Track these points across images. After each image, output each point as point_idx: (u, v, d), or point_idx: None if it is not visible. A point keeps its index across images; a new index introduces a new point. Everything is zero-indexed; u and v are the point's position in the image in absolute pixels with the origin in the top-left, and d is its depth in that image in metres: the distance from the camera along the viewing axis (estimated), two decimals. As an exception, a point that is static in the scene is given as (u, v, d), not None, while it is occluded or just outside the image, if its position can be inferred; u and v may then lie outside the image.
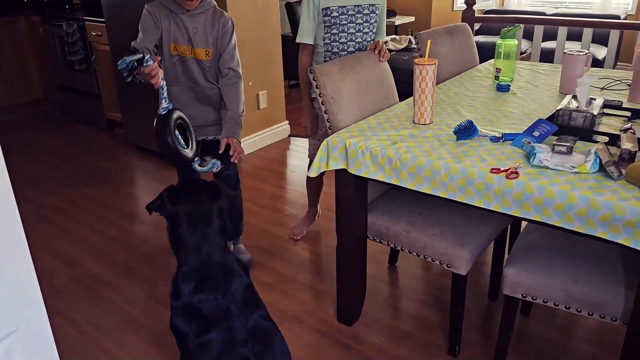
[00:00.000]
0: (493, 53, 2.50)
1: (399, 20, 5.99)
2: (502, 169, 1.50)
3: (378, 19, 2.39)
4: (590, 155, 1.48)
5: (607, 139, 1.65)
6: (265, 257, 2.61)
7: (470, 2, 3.64)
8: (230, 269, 1.40)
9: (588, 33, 3.56)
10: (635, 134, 1.60)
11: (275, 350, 1.43)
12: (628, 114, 1.91)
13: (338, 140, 1.81)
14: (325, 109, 1.95)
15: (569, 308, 1.58)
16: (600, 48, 4.94)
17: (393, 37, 5.24)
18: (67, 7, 4.71)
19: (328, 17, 2.27)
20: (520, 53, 4.29)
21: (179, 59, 2.17)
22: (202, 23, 2.15)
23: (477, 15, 3.77)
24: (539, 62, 3.61)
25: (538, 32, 3.72)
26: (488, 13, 6.06)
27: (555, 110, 1.80)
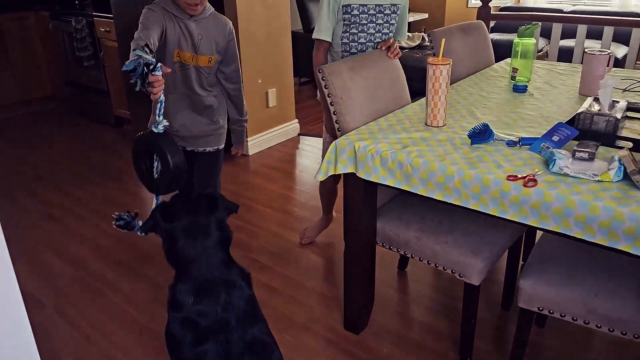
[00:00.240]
0: (509, 51, 2.42)
1: (412, 17, 5.89)
2: (519, 176, 1.42)
3: (400, 19, 2.31)
4: (614, 163, 1.39)
5: (631, 145, 1.56)
6: (273, 260, 2.54)
7: (486, -1, 3.55)
8: (232, 283, 1.34)
9: (609, 32, 3.44)
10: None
11: None
12: (653, 118, 1.81)
13: (347, 143, 1.74)
14: (334, 110, 1.87)
15: (588, 323, 1.50)
16: (619, 47, 4.80)
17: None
18: (76, 2, 4.67)
19: (348, 14, 2.18)
20: (537, 51, 4.18)
21: (180, 66, 2.07)
22: (206, 29, 2.05)
23: (493, 13, 3.67)
24: (557, 61, 3.52)
25: (556, 30, 3.61)
26: (504, 10, 5.93)
27: (576, 114, 1.71)
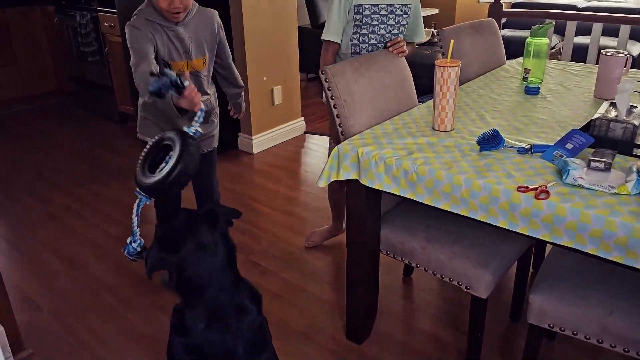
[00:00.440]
0: (521, 48, 2.31)
1: (422, 13, 5.71)
2: (530, 187, 1.34)
3: (414, 20, 2.24)
4: (632, 174, 1.31)
5: (650, 154, 1.48)
6: (275, 264, 2.48)
7: (498, -6, 3.45)
8: (243, 307, 1.26)
9: (625, 30, 3.31)
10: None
11: None
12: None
13: (350, 148, 1.67)
14: (337, 113, 1.80)
15: (602, 342, 1.42)
16: (635, 44, 4.68)
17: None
18: (82, -4, 4.63)
19: (359, 15, 2.10)
20: (550, 49, 4.06)
21: None
22: (195, 30, 1.98)
23: (505, 10, 3.57)
24: (570, 59, 3.41)
25: (570, 28, 3.47)
26: (515, 6, 5.80)
27: (591, 120, 1.63)
